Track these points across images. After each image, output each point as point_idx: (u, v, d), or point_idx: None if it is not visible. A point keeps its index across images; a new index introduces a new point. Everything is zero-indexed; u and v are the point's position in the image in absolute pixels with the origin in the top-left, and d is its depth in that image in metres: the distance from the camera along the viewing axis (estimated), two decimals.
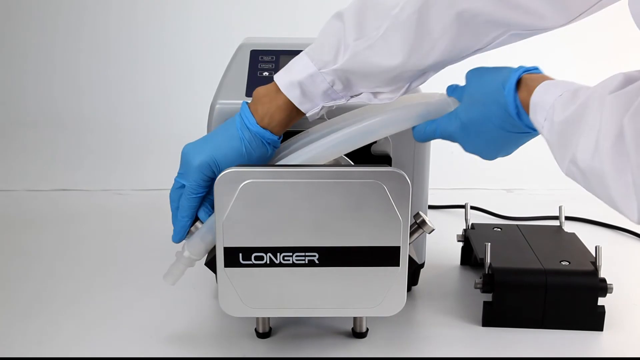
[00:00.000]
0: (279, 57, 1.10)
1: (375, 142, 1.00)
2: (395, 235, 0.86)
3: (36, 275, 1.19)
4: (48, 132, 1.82)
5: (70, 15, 1.96)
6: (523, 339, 1.00)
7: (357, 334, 1.00)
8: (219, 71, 1.09)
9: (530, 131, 0.80)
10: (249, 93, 1.02)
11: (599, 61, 1.84)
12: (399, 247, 0.86)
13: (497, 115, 0.80)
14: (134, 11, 1.97)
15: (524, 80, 0.79)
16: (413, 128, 0.90)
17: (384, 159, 0.99)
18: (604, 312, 1.02)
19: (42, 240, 1.34)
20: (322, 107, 0.90)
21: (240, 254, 0.86)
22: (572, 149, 0.69)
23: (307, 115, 0.91)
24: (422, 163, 1.04)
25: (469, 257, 1.24)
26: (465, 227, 1.23)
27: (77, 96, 1.92)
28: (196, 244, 0.92)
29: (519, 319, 1.03)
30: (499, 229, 1.20)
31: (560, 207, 1.22)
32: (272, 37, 1.21)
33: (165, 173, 1.64)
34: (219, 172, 0.85)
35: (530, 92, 0.77)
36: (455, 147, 0.86)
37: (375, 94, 0.90)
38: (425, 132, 0.89)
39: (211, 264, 0.92)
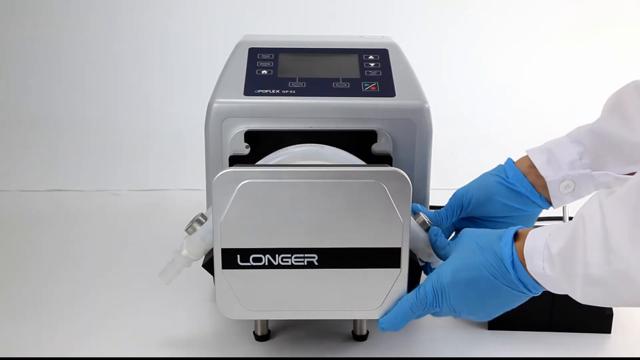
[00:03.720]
0: (278, 56, 1.08)
1: (375, 142, 0.98)
2: (396, 237, 0.84)
3: (32, 276, 1.18)
4: (44, 132, 1.81)
5: (70, 15, 1.95)
6: (530, 342, 0.99)
7: (358, 336, 0.99)
8: (216, 69, 1.08)
9: (522, 289, 0.80)
10: (247, 92, 1.00)
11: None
12: (399, 249, 0.85)
13: (491, 264, 0.81)
14: (133, 10, 1.96)
15: (520, 234, 0.82)
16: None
17: (385, 159, 0.98)
18: (611, 314, 1.00)
19: (38, 241, 1.32)
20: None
21: (238, 256, 0.85)
22: (581, 270, 0.70)
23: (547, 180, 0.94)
24: (423, 163, 1.02)
25: None
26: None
27: (74, 96, 1.91)
28: (196, 243, 0.90)
29: (525, 321, 1.01)
30: None
31: (564, 208, 1.21)
32: (271, 35, 1.20)
33: (162, 173, 1.64)
34: None
35: (523, 243, 0.79)
36: (455, 147, 0.84)
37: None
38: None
39: (209, 265, 0.91)
